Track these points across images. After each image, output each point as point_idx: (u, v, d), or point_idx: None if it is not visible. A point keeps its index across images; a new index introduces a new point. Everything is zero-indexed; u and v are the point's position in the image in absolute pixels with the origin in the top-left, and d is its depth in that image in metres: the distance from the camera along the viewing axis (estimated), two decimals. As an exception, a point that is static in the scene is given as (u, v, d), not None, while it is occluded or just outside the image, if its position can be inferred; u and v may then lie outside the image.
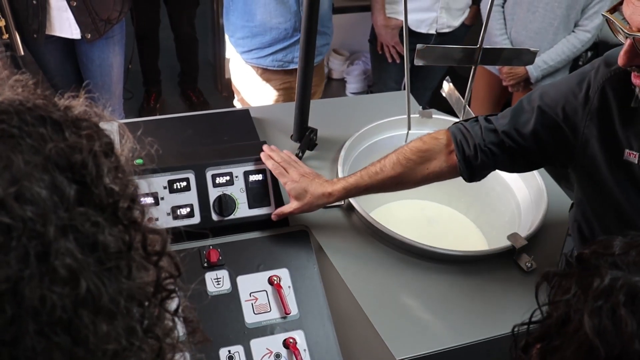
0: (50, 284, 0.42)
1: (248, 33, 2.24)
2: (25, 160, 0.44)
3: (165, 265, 0.54)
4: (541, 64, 2.60)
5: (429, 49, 1.45)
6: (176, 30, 3.56)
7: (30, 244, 0.42)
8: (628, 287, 0.64)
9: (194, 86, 3.80)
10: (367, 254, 1.42)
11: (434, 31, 2.75)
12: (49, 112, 0.49)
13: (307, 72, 1.59)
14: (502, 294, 1.37)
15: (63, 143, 0.47)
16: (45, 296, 0.42)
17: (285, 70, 2.30)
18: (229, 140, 1.60)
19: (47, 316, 0.42)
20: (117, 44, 2.51)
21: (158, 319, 0.52)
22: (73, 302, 0.43)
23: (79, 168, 0.47)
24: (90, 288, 0.44)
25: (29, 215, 0.42)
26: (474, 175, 1.33)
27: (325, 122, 1.77)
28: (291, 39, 2.22)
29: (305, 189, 1.36)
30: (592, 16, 2.51)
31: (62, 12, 2.27)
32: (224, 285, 1.32)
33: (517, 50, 1.47)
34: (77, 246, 0.44)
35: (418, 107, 1.87)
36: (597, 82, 1.14)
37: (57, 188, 0.45)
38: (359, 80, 4.01)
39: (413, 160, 1.33)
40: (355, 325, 1.31)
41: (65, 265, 0.43)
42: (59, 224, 0.44)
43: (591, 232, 1.27)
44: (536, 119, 1.21)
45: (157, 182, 1.35)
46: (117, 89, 2.69)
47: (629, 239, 0.72)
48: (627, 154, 1.11)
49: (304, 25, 1.49)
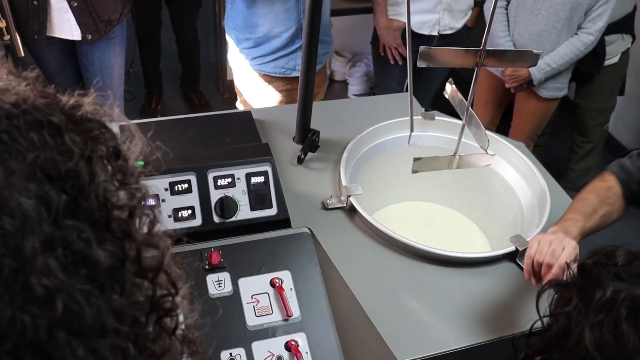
0: (24, 303, 0.40)
1: (252, 44, 2.25)
2: (9, 168, 0.41)
3: (163, 282, 0.51)
4: (544, 66, 2.59)
5: (432, 50, 1.44)
6: (178, 32, 3.56)
7: (3, 260, 0.39)
8: (631, 300, 0.63)
9: (196, 88, 3.80)
10: (369, 256, 1.42)
11: (436, 33, 2.74)
12: (48, 114, 0.46)
13: (309, 73, 1.58)
14: (505, 297, 1.36)
15: (56, 149, 0.44)
16: (14, 317, 0.39)
17: (287, 77, 2.31)
18: (231, 142, 1.60)
19: (17, 338, 0.39)
20: (117, 45, 2.51)
21: (155, 337, 0.49)
22: (48, 323, 0.41)
23: (71, 177, 0.44)
24: (70, 308, 0.41)
25: (7, 228, 0.39)
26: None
27: (328, 124, 1.76)
28: (292, 46, 2.23)
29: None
30: (595, 19, 2.51)
31: (63, 12, 2.27)
32: (226, 288, 1.32)
33: (520, 51, 1.46)
34: (62, 262, 0.42)
35: (420, 109, 1.86)
36: None
37: (43, 199, 0.42)
38: (361, 82, 4.01)
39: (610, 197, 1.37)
40: (357, 327, 1.30)
41: (42, 284, 0.40)
42: (41, 238, 0.41)
43: None
44: None
45: (158, 184, 1.35)
46: (118, 91, 2.69)
47: (633, 248, 0.70)
48: None
49: (306, 27, 1.49)
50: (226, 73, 3.74)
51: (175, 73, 3.82)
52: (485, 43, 1.44)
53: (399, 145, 1.77)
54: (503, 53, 1.50)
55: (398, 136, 1.77)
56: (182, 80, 3.82)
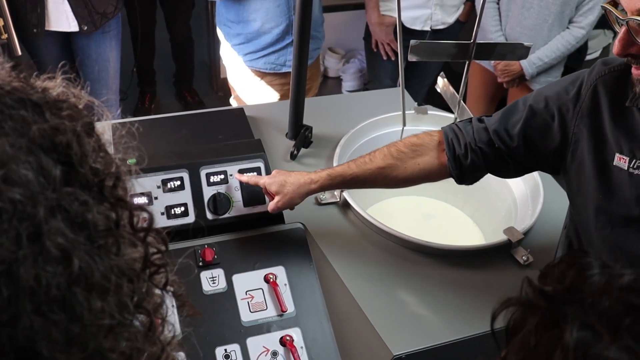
0: (44, 263, 0.43)
1: (243, 39, 2.26)
2: (10, 143, 0.44)
3: (152, 241, 0.55)
4: (536, 60, 2.60)
5: (423, 44, 1.45)
6: (172, 31, 3.56)
7: (21, 225, 0.42)
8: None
9: (190, 86, 3.79)
10: (363, 250, 1.42)
11: (429, 28, 2.74)
12: (28, 94, 0.49)
13: (300, 69, 1.58)
14: (499, 288, 1.36)
15: (46, 124, 0.47)
16: (39, 276, 0.43)
17: (278, 73, 2.31)
18: (224, 139, 1.60)
19: (43, 295, 0.43)
20: (113, 39, 2.54)
21: (147, 294, 0.53)
22: (67, 280, 0.44)
23: (64, 149, 0.47)
24: (82, 266, 0.45)
25: (18, 197, 0.43)
26: (463, 176, 1.27)
27: (321, 120, 1.76)
28: (283, 42, 2.24)
29: (284, 180, 1.31)
30: (586, 13, 2.51)
31: (59, 4, 2.31)
32: (220, 284, 1.32)
33: (510, 44, 1.47)
34: (67, 225, 0.45)
35: (413, 104, 1.86)
36: (591, 80, 1.11)
37: (43, 169, 0.45)
38: (355, 78, 4.01)
39: (405, 153, 1.29)
40: (352, 321, 1.30)
41: (57, 245, 0.44)
42: (47, 204, 0.44)
43: (580, 246, 1.22)
44: (526, 119, 1.17)
45: (151, 181, 1.35)
46: (114, 84, 2.71)
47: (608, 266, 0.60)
48: (617, 158, 1.06)
49: (297, 23, 1.49)
50: (219, 71, 3.73)
51: (168, 72, 3.81)
52: (475, 36, 1.45)
53: (391, 139, 1.76)
54: (493, 46, 1.50)
55: (391, 131, 1.77)
56: (175, 79, 3.81)
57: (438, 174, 1.30)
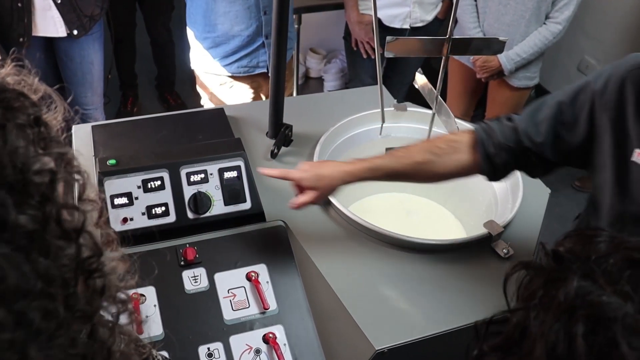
0: None
1: (211, 43, 2.22)
2: None
3: (87, 243, 0.52)
4: (514, 56, 2.63)
5: (399, 41, 1.46)
6: (152, 33, 3.55)
7: None
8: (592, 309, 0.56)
9: (171, 89, 3.78)
10: (345, 246, 1.43)
11: (408, 26, 2.76)
12: None
13: (279, 69, 1.59)
14: (480, 281, 1.37)
15: None
16: None
17: (252, 75, 2.30)
18: (204, 139, 1.60)
19: None
20: (96, 41, 2.52)
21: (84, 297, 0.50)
22: None
23: None
24: None
25: None
26: (495, 174, 1.29)
27: (301, 118, 1.77)
28: (254, 44, 2.21)
29: (320, 174, 1.30)
30: (562, 8, 2.54)
31: (46, 11, 2.29)
32: (202, 283, 1.32)
33: (486, 39, 1.48)
34: None
35: (393, 101, 1.87)
36: (619, 74, 1.10)
37: None
38: (337, 78, 4.02)
39: (442, 149, 1.29)
40: (334, 317, 1.31)
41: None
42: None
43: None
44: (555, 114, 1.18)
45: (131, 181, 1.35)
46: (99, 87, 2.69)
47: (617, 234, 0.63)
48: (636, 154, 1.06)
49: (275, 23, 1.49)
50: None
51: (150, 75, 3.80)
52: (451, 32, 1.46)
53: (371, 137, 1.78)
54: (469, 41, 1.52)
55: (370, 128, 1.78)
56: (157, 82, 3.80)
57: (471, 171, 1.32)
